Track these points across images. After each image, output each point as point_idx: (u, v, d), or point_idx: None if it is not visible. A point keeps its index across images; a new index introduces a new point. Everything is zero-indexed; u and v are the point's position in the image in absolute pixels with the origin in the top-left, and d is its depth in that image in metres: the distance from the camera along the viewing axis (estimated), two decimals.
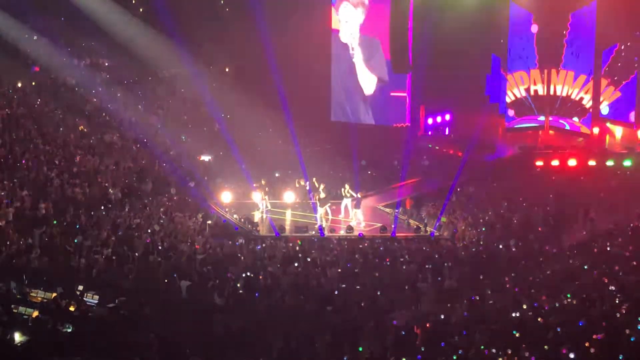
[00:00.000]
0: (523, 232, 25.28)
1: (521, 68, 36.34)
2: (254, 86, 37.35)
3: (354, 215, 27.16)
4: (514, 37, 36.21)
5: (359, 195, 27.24)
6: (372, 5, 35.88)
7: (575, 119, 35.36)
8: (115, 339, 15.95)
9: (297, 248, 23.35)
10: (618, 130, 34.93)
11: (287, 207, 29.42)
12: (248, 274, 20.28)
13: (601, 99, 34.43)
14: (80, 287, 18.01)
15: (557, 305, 17.14)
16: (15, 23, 34.11)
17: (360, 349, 17.27)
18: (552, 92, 36.05)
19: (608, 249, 22.15)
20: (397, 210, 28.57)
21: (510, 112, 36.82)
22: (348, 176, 30.69)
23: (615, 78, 33.78)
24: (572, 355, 13.65)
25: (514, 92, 36.76)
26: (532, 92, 36.56)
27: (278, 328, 17.17)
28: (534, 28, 35.49)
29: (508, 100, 36.77)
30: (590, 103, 34.65)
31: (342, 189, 27.61)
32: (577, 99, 35.23)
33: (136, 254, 20.88)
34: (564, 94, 35.65)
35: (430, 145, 36.58)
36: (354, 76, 36.70)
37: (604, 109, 34.29)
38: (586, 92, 34.86)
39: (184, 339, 16.52)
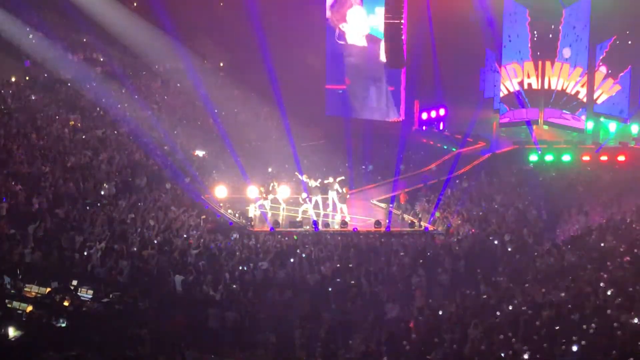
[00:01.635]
0: (517, 227, 25.31)
1: (514, 60, 36.33)
2: (248, 80, 37.34)
3: (339, 210, 27.18)
4: (508, 31, 36.25)
5: (344, 191, 27.20)
6: None
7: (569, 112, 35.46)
8: (109, 334, 15.98)
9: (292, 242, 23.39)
10: (612, 125, 35.00)
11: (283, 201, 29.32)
12: (243, 268, 20.30)
13: (600, 91, 34.44)
14: (75, 282, 18.02)
15: (550, 299, 17.19)
16: (9, 17, 33.99)
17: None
18: (546, 86, 36.07)
19: (602, 244, 22.20)
20: (391, 205, 28.59)
21: (504, 108, 36.89)
22: (342, 170, 30.69)
23: (612, 71, 33.84)
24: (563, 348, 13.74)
25: (507, 85, 36.74)
26: (525, 86, 36.58)
27: (272, 322, 17.22)
28: (529, 22, 35.53)
29: (501, 94, 36.81)
30: (595, 94, 34.63)
31: (328, 180, 27.52)
32: (573, 92, 35.22)
33: (131, 249, 20.88)
34: (559, 88, 35.65)
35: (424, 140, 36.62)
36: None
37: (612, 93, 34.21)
38: (582, 86, 34.87)
39: (178, 333, 16.56)
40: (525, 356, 13.90)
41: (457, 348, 14.77)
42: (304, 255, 21.53)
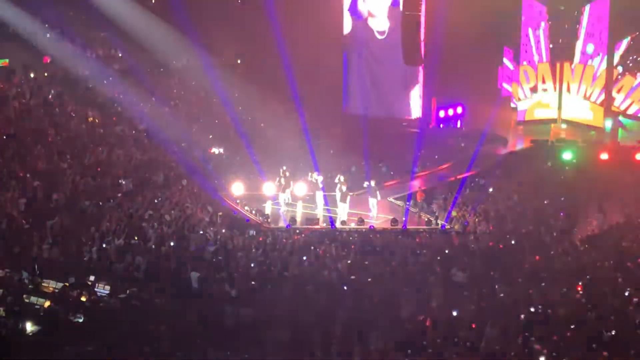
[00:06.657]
0: (534, 226, 25.17)
1: (528, 61, 35.81)
2: (265, 78, 37.33)
3: (342, 209, 27.26)
4: (525, 29, 35.91)
5: (344, 189, 27.22)
6: None
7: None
8: (126, 330, 16.03)
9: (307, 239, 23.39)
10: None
11: (298, 199, 29.33)
12: (260, 265, 20.30)
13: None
14: (92, 278, 18.10)
15: (568, 298, 17.09)
16: (27, 14, 34.14)
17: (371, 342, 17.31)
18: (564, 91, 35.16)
19: (620, 242, 22.07)
20: (408, 203, 28.54)
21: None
22: (360, 168, 30.71)
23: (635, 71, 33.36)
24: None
25: (518, 93, 36.07)
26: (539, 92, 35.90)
27: (289, 320, 17.19)
28: (547, 20, 35.19)
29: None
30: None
31: (337, 179, 27.62)
32: (598, 102, 34.17)
33: (148, 245, 20.94)
34: (581, 96, 34.65)
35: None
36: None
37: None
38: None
39: (194, 330, 16.58)
40: (542, 357, 13.83)
41: (473, 347, 14.69)
42: (320, 253, 21.52)
